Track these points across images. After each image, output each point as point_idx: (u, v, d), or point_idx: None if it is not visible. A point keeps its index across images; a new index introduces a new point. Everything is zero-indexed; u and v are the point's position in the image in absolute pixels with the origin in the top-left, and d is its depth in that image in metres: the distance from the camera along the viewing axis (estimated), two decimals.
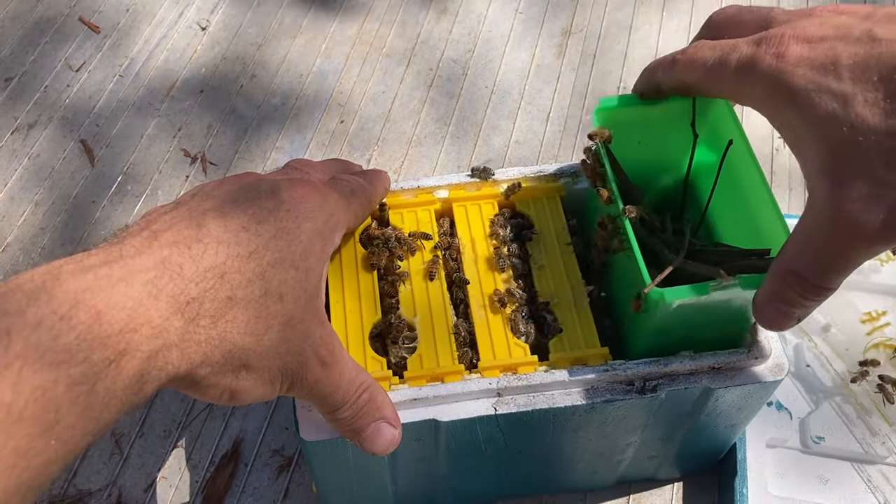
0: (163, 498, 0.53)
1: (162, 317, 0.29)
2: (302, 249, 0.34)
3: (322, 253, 0.36)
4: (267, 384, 0.34)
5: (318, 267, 0.36)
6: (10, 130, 0.71)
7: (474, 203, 0.47)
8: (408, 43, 0.78)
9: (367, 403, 0.37)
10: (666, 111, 0.42)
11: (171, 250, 0.31)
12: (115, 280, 0.28)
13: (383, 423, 0.37)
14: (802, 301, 0.34)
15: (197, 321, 0.30)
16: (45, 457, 0.26)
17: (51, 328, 0.26)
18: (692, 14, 0.80)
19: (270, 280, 0.33)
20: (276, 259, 0.33)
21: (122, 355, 0.27)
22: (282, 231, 0.34)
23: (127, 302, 0.28)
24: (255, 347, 0.32)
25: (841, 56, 0.30)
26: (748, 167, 0.41)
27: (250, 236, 0.33)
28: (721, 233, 0.45)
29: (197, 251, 0.31)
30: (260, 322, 0.32)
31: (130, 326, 0.28)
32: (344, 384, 0.36)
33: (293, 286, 0.34)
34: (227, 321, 0.31)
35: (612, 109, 0.42)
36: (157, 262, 0.30)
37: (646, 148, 0.44)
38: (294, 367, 0.34)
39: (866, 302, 0.57)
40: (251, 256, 0.32)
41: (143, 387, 0.29)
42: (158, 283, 0.29)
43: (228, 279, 0.31)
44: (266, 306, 0.32)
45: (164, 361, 0.29)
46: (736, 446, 0.50)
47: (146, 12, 0.80)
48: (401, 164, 0.69)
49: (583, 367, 0.40)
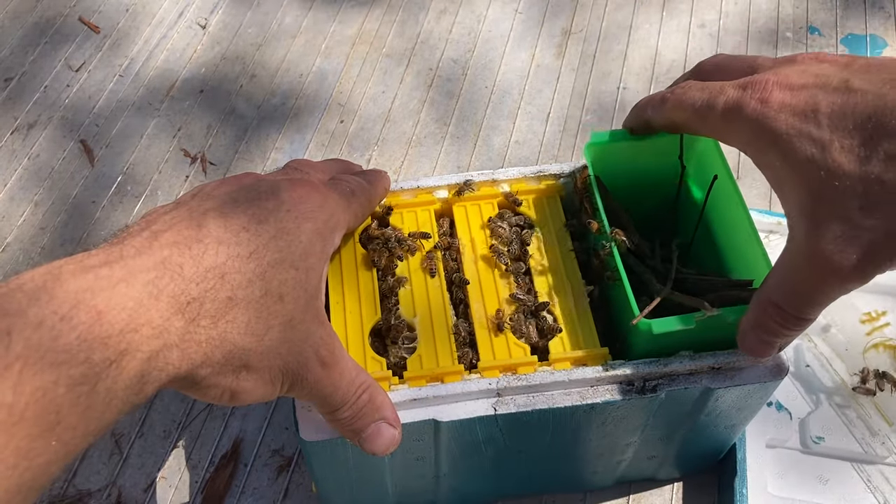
0: (162, 498, 0.53)
1: (163, 317, 0.29)
2: (302, 249, 0.35)
3: (322, 253, 0.36)
4: (268, 384, 0.34)
5: (319, 267, 0.36)
6: (9, 130, 0.71)
7: (474, 203, 0.47)
8: (408, 43, 0.78)
9: (366, 404, 0.37)
10: (655, 145, 0.45)
11: (172, 250, 0.31)
12: (116, 280, 0.28)
13: (383, 423, 0.37)
14: (782, 330, 0.36)
15: (197, 321, 0.30)
16: (47, 457, 0.26)
17: (51, 328, 0.26)
18: (692, 14, 0.80)
19: (271, 280, 0.33)
20: (277, 259, 0.33)
21: (122, 355, 0.27)
22: (282, 231, 0.34)
23: (128, 302, 0.28)
24: (256, 348, 0.32)
25: (820, 104, 0.32)
26: (733, 203, 0.43)
27: (250, 236, 0.33)
28: (709, 260, 0.47)
29: (197, 251, 0.31)
30: (260, 322, 0.32)
31: (131, 327, 0.28)
32: (344, 384, 0.36)
33: (293, 286, 0.34)
34: (228, 321, 0.31)
35: (602, 145, 0.45)
36: (157, 263, 0.30)
37: (636, 178, 0.46)
38: (294, 368, 0.34)
39: (866, 302, 0.57)
40: (251, 257, 0.32)
41: (144, 387, 0.29)
42: (159, 283, 0.29)
43: (229, 279, 0.31)
44: (266, 306, 0.32)
45: (165, 362, 0.29)
46: (736, 446, 0.50)
47: (146, 12, 0.80)
48: (401, 164, 0.69)
49: (583, 367, 0.40)
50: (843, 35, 0.78)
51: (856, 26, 0.78)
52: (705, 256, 0.47)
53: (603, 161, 0.45)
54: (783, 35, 0.78)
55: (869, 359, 0.54)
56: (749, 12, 0.80)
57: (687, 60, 0.76)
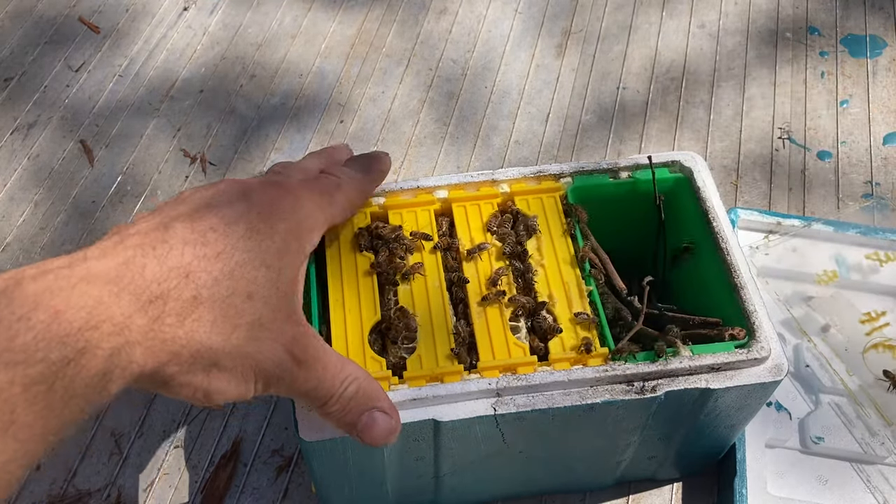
0: (162, 498, 0.53)
1: (124, 314, 0.29)
2: (275, 249, 0.35)
3: (299, 253, 0.36)
4: (241, 383, 0.34)
5: (294, 266, 0.36)
6: (9, 130, 0.71)
7: (474, 203, 0.47)
8: (407, 43, 0.78)
9: (354, 395, 0.36)
10: (636, 186, 0.48)
11: (136, 251, 0.31)
12: (76, 280, 0.28)
13: (376, 412, 0.37)
14: None
15: (162, 319, 0.30)
16: (5, 456, 0.26)
17: (8, 329, 0.26)
18: (692, 14, 0.80)
19: (239, 279, 0.33)
20: (246, 259, 0.33)
21: (81, 354, 0.27)
22: (252, 231, 0.34)
23: (87, 301, 0.28)
24: (223, 347, 0.32)
25: None
26: (708, 245, 0.46)
27: (218, 237, 0.33)
28: (693, 298, 0.48)
29: (162, 252, 0.31)
30: (227, 321, 0.32)
31: (91, 324, 0.28)
32: (327, 379, 0.36)
33: (264, 285, 0.34)
34: (194, 320, 0.31)
35: (584, 187, 0.48)
36: (119, 263, 0.30)
37: (617, 221, 0.48)
38: (268, 367, 0.34)
39: (865, 302, 0.57)
40: (219, 257, 0.33)
41: (108, 385, 0.29)
42: (120, 282, 0.29)
43: (194, 278, 0.31)
44: (234, 305, 0.32)
45: (128, 359, 0.29)
46: (735, 446, 0.50)
47: (146, 12, 0.80)
48: (400, 164, 0.69)
49: (582, 367, 0.41)
50: (843, 35, 0.78)
51: (856, 26, 0.78)
52: (689, 295, 0.49)
53: (587, 202, 0.47)
54: (783, 35, 0.78)
55: (868, 359, 0.54)
56: (749, 12, 0.80)
57: (687, 60, 0.76)
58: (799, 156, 0.70)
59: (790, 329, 0.56)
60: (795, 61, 0.76)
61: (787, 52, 0.77)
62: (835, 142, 0.70)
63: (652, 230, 0.50)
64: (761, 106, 0.73)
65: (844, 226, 0.59)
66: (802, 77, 0.75)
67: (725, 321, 0.43)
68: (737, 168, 0.69)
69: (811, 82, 0.74)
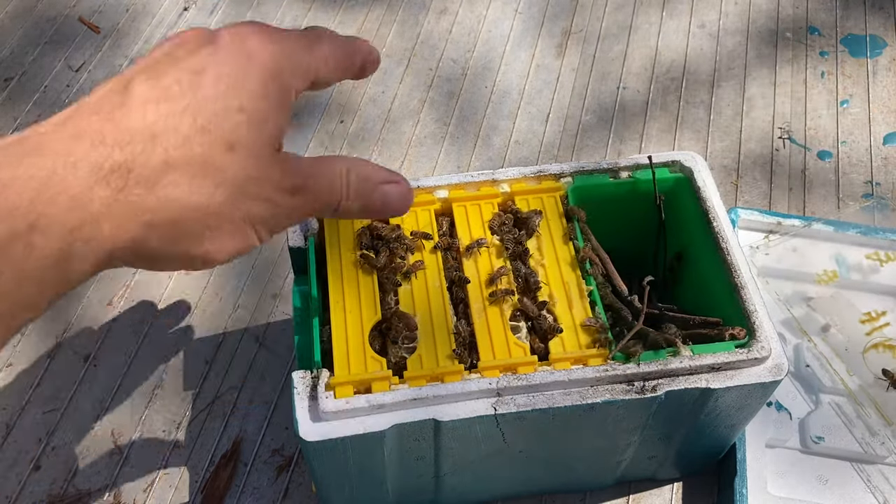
0: (162, 498, 0.53)
1: (83, 187, 0.26)
2: (251, 90, 0.31)
3: (281, 96, 0.32)
4: (237, 238, 0.31)
5: (277, 113, 0.32)
6: (9, 130, 0.71)
7: (474, 203, 0.47)
8: (408, 43, 0.78)
9: (357, 183, 0.34)
10: (636, 186, 0.48)
11: (91, 119, 0.28)
12: (24, 153, 0.26)
13: (384, 186, 0.35)
14: None
15: (128, 190, 0.28)
16: None
17: None
18: (692, 14, 0.80)
19: (214, 132, 0.30)
20: (220, 108, 0.30)
21: (32, 229, 0.25)
22: (222, 76, 0.30)
23: (37, 173, 0.26)
24: (208, 206, 0.30)
25: None
26: (709, 247, 0.46)
27: (183, 89, 0.29)
28: (697, 298, 0.49)
29: (120, 115, 0.28)
30: (207, 179, 0.29)
31: (44, 198, 0.26)
32: (326, 187, 0.34)
33: (246, 131, 0.31)
34: (167, 185, 0.29)
35: (585, 187, 0.48)
36: (74, 134, 0.27)
37: (617, 220, 0.49)
38: (262, 211, 0.31)
39: (866, 302, 0.57)
40: (186, 111, 0.29)
41: (70, 264, 0.27)
42: (76, 152, 0.27)
43: (161, 140, 0.29)
44: (212, 160, 0.30)
45: (92, 236, 0.27)
46: (735, 446, 0.50)
47: (146, 12, 0.80)
48: (401, 164, 0.69)
49: (583, 367, 0.41)
50: (843, 35, 0.78)
51: (856, 26, 0.78)
52: (690, 295, 0.49)
53: (587, 202, 0.47)
54: (783, 35, 0.78)
55: (869, 359, 0.54)
56: (749, 12, 0.80)
57: (687, 60, 0.76)
58: (799, 156, 0.70)
59: (790, 329, 0.56)
60: (795, 61, 0.76)
61: (788, 52, 0.77)
62: (835, 142, 0.70)
63: (652, 230, 0.50)
64: (761, 106, 0.73)
65: (844, 226, 0.59)
66: (802, 77, 0.75)
67: (726, 321, 0.43)
68: (737, 168, 0.69)
69: (811, 82, 0.74)
